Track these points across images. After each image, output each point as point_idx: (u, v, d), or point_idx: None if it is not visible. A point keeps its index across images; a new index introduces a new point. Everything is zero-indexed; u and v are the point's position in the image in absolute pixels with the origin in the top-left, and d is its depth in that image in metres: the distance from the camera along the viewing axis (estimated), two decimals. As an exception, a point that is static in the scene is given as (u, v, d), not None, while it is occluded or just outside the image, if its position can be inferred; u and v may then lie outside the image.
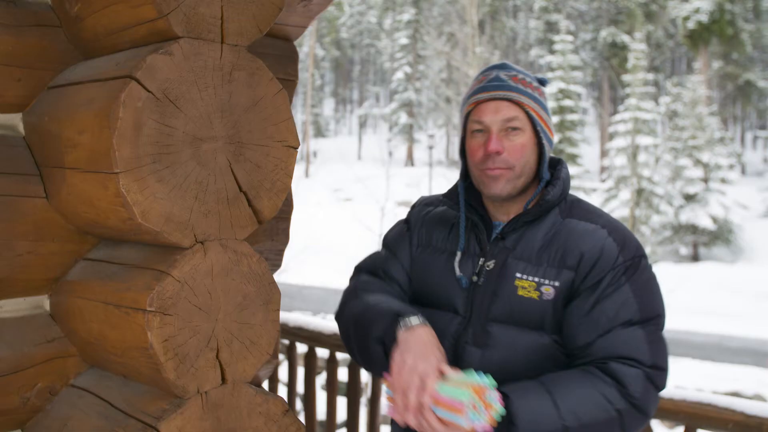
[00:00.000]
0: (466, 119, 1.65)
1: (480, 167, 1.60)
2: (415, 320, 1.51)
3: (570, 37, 31.55)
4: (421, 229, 1.79)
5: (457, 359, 1.59)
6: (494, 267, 1.60)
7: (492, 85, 1.60)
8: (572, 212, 1.62)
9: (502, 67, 1.65)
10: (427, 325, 1.51)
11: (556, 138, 27.60)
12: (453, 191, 1.74)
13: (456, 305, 1.63)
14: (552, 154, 1.73)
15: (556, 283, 1.53)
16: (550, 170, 1.67)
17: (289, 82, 2.20)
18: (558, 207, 1.63)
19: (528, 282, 1.54)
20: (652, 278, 1.57)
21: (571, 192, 1.71)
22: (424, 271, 1.74)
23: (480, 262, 1.63)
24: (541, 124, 1.60)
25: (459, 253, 1.66)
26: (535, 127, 1.60)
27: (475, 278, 1.62)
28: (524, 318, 1.54)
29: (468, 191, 1.71)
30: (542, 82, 1.70)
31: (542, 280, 1.54)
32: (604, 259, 1.52)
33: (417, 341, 1.46)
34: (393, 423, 1.70)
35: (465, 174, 1.72)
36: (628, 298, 1.51)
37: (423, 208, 1.84)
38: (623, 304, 1.50)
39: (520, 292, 1.54)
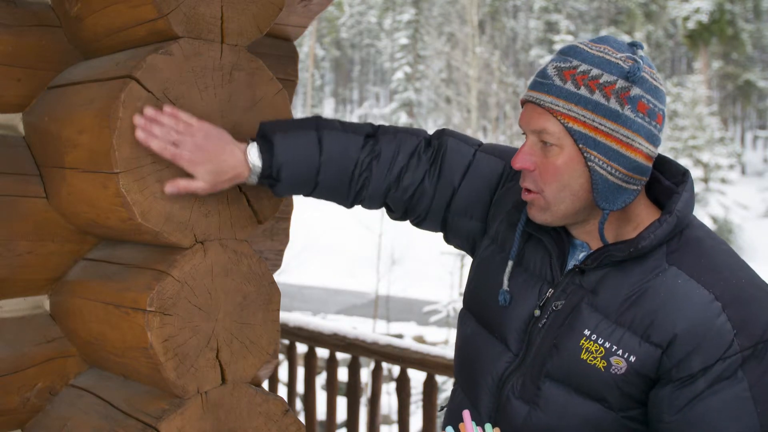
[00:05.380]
0: None
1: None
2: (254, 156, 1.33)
3: (570, 38, 31.51)
4: (501, 204, 1.42)
5: (499, 410, 1.30)
6: (563, 309, 1.25)
7: (535, 81, 1.24)
8: (683, 259, 1.19)
9: (564, 53, 1.22)
10: None
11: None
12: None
13: (508, 339, 1.31)
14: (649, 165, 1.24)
15: (632, 358, 1.17)
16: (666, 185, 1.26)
17: (289, 82, 2.20)
18: (667, 245, 1.21)
19: (596, 346, 1.20)
20: None
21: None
22: (480, 270, 1.43)
23: (547, 293, 1.29)
24: (593, 139, 1.16)
25: (506, 280, 1.33)
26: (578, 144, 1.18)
27: (537, 312, 1.29)
28: (582, 385, 1.22)
29: None
30: (630, 76, 1.16)
31: (614, 348, 1.18)
32: (709, 343, 1.12)
33: None
34: None
35: None
36: (745, 403, 1.11)
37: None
38: (737, 412, 1.11)
39: (584, 356, 1.20)
